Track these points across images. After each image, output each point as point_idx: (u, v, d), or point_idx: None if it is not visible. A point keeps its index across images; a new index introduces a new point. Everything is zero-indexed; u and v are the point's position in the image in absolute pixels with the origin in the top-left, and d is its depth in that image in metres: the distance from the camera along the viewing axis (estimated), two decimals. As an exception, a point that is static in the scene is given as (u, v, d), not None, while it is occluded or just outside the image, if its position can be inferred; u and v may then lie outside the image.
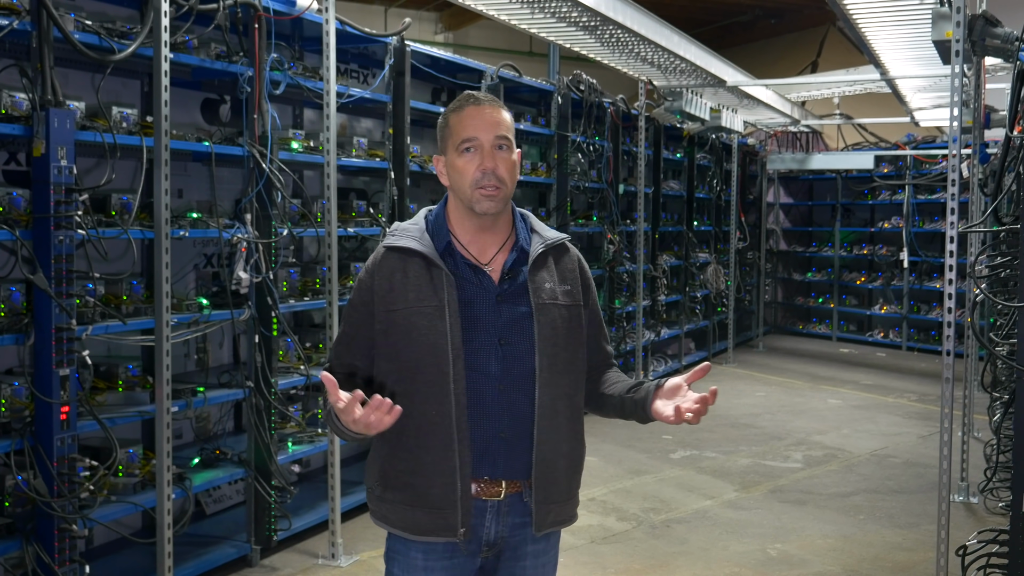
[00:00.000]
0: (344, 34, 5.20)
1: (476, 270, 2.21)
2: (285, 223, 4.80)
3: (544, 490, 2.22)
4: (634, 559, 4.95)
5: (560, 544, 2.47)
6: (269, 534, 4.80)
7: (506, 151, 2.19)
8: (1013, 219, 4.16)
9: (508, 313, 2.19)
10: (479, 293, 2.19)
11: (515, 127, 2.30)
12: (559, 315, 2.23)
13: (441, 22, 15.44)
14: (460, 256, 2.22)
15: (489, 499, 2.19)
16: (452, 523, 2.16)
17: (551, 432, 2.21)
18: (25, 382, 3.66)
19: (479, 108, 2.20)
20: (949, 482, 4.43)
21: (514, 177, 2.22)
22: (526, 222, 2.32)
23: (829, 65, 13.35)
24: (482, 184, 2.16)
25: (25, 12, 3.59)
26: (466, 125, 2.18)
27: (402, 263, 2.20)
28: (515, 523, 2.23)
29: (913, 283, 12.55)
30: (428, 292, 2.16)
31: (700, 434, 7.79)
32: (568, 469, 2.28)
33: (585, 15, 6.29)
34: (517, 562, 2.27)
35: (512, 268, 2.23)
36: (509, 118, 2.24)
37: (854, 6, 6.03)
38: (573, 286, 2.29)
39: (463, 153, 2.18)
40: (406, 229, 2.26)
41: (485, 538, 2.22)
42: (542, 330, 2.18)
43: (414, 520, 2.19)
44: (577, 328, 2.27)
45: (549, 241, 2.29)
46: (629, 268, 9.04)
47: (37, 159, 3.63)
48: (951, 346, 4.40)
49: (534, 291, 2.21)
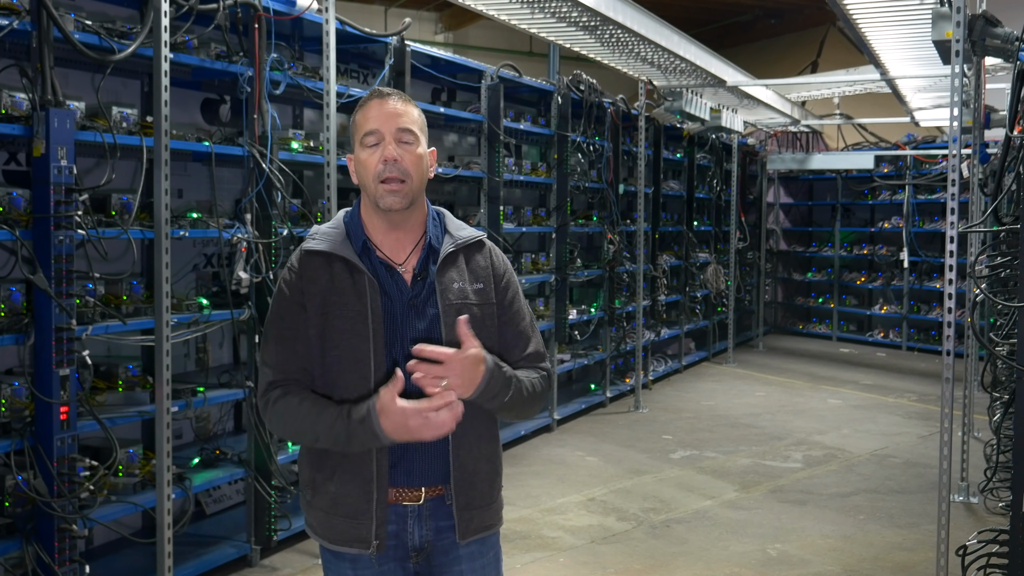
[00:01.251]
0: (344, 34, 5.20)
1: (391, 271, 2.18)
2: (285, 223, 4.80)
3: (465, 496, 2.18)
4: (634, 559, 4.95)
5: (560, 544, 2.45)
6: (269, 534, 4.80)
7: (411, 144, 2.15)
8: (1013, 219, 4.16)
9: (418, 318, 2.15)
10: (396, 296, 2.16)
11: (515, 127, 2.28)
12: (468, 315, 2.14)
13: (441, 22, 15.44)
14: (376, 256, 2.19)
15: (409, 504, 2.17)
16: (366, 534, 2.13)
17: (467, 437, 2.16)
18: (25, 382, 3.66)
19: (382, 101, 2.16)
20: (949, 482, 4.43)
21: (420, 171, 2.16)
22: (440, 220, 2.27)
23: (829, 65, 13.36)
24: (384, 176, 2.11)
25: (25, 12, 3.59)
26: (369, 118, 2.15)
27: (327, 266, 2.17)
28: (440, 527, 2.20)
29: (913, 283, 12.55)
30: (351, 296, 2.13)
31: (700, 434, 7.80)
32: (489, 472, 2.24)
33: (585, 15, 6.29)
34: (452, 567, 2.22)
35: (422, 269, 2.19)
36: (416, 113, 2.19)
37: (854, 6, 6.03)
38: (486, 284, 2.23)
39: (366, 147, 2.15)
40: (326, 233, 2.21)
41: (411, 543, 2.19)
42: (449, 332, 2.12)
43: (331, 528, 2.17)
44: (491, 328, 2.21)
45: (460, 240, 2.23)
46: (629, 268, 9.03)
47: (37, 159, 3.64)
48: (951, 346, 4.40)
49: (441, 292, 2.16)
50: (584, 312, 8.36)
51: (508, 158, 7.26)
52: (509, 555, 4.71)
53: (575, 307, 8.28)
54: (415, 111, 2.20)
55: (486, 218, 6.94)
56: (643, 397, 8.91)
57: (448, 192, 7.43)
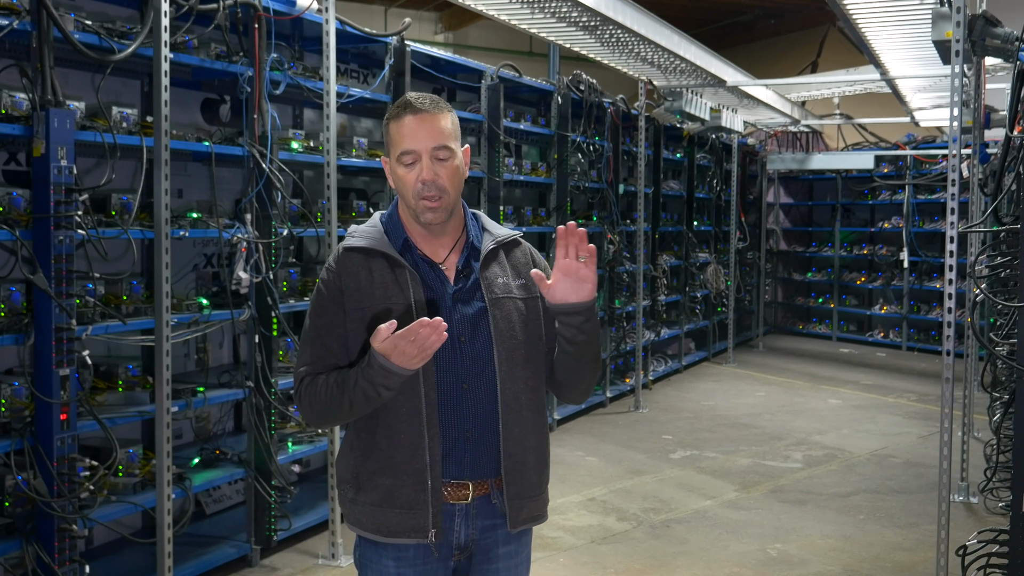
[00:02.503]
0: (344, 34, 5.20)
1: (433, 266, 2.22)
2: (285, 223, 4.80)
3: (515, 485, 2.22)
4: (634, 559, 4.95)
5: (561, 544, 2.47)
6: (269, 534, 4.80)
7: (447, 159, 2.17)
8: (1013, 219, 4.16)
9: (464, 310, 2.20)
10: (440, 290, 2.20)
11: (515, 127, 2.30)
12: (514, 308, 2.22)
13: (441, 22, 15.44)
14: (417, 253, 2.23)
15: (457, 503, 2.19)
16: (423, 524, 2.15)
17: (516, 427, 2.21)
18: (25, 382, 3.66)
19: (417, 117, 2.15)
20: (949, 482, 4.43)
21: (457, 183, 2.19)
22: (478, 221, 2.32)
23: (829, 65, 13.35)
24: (424, 195, 2.15)
25: (25, 12, 3.59)
26: (404, 136, 2.15)
27: (366, 262, 2.20)
28: (485, 525, 2.23)
29: (913, 283, 12.55)
30: (395, 290, 2.16)
31: (700, 434, 7.80)
32: (537, 463, 2.27)
33: (585, 15, 6.29)
34: (490, 564, 2.26)
35: (465, 266, 2.24)
36: (449, 123, 2.19)
37: (854, 6, 6.02)
38: (528, 279, 2.27)
39: (403, 164, 2.17)
40: (364, 231, 2.25)
41: (455, 542, 2.21)
42: (498, 325, 2.18)
43: (385, 521, 2.18)
44: (534, 320, 2.25)
45: (500, 238, 2.29)
46: (629, 268, 9.04)
47: (37, 159, 3.64)
48: (951, 346, 4.40)
49: (486, 287, 2.21)
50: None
51: (508, 158, 7.26)
52: (509, 555, 4.71)
53: (575, 307, 8.26)
54: (448, 120, 2.20)
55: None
56: (643, 397, 8.91)
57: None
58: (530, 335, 2.23)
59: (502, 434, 2.19)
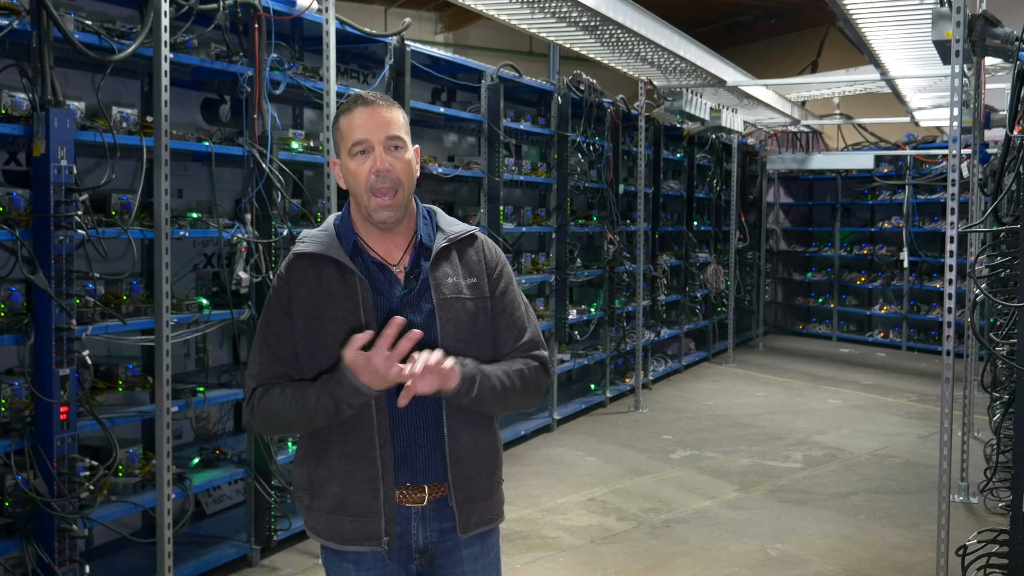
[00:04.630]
0: (344, 34, 5.20)
1: (384, 269, 2.19)
2: (285, 223, 4.80)
3: (464, 490, 2.19)
4: (634, 559, 4.95)
5: (560, 544, 2.47)
6: (269, 534, 4.80)
7: (400, 150, 2.15)
8: (1013, 219, 4.15)
9: (413, 315, 2.16)
10: (389, 293, 2.17)
11: (515, 127, 2.29)
12: (463, 309, 2.18)
13: (441, 22, 15.44)
14: (368, 256, 2.20)
15: (413, 505, 2.18)
16: (376, 532, 2.14)
17: (461, 431, 2.18)
18: (25, 382, 3.66)
19: (368, 109, 2.14)
20: (949, 482, 4.43)
21: (411, 177, 2.18)
22: (432, 219, 2.28)
23: (829, 65, 13.36)
24: (377, 188, 2.12)
25: (25, 12, 3.59)
26: (356, 127, 2.13)
27: (315, 269, 2.17)
28: (443, 528, 2.21)
29: (913, 283, 12.55)
30: (343, 296, 2.14)
31: (700, 434, 7.80)
32: (486, 465, 2.25)
33: (585, 15, 6.29)
34: (454, 568, 2.24)
35: (414, 266, 2.20)
36: (401, 116, 2.19)
37: (854, 6, 6.03)
38: (479, 278, 2.23)
39: (355, 156, 2.14)
40: (315, 236, 2.22)
41: (414, 545, 2.20)
42: (444, 327, 2.15)
43: (339, 529, 2.17)
44: (484, 322, 2.22)
45: (452, 236, 2.24)
46: (629, 268, 9.03)
47: (37, 159, 3.64)
48: (951, 346, 4.40)
49: (435, 287, 2.17)
50: (584, 312, 8.36)
51: (508, 158, 7.26)
52: (509, 555, 4.71)
53: (575, 307, 8.28)
54: (400, 114, 2.19)
55: (486, 218, 6.94)
56: (643, 397, 8.91)
57: (448, 192, 7.43)
58: (478, 338, 2.19)
59: (447, 439, 2.16)
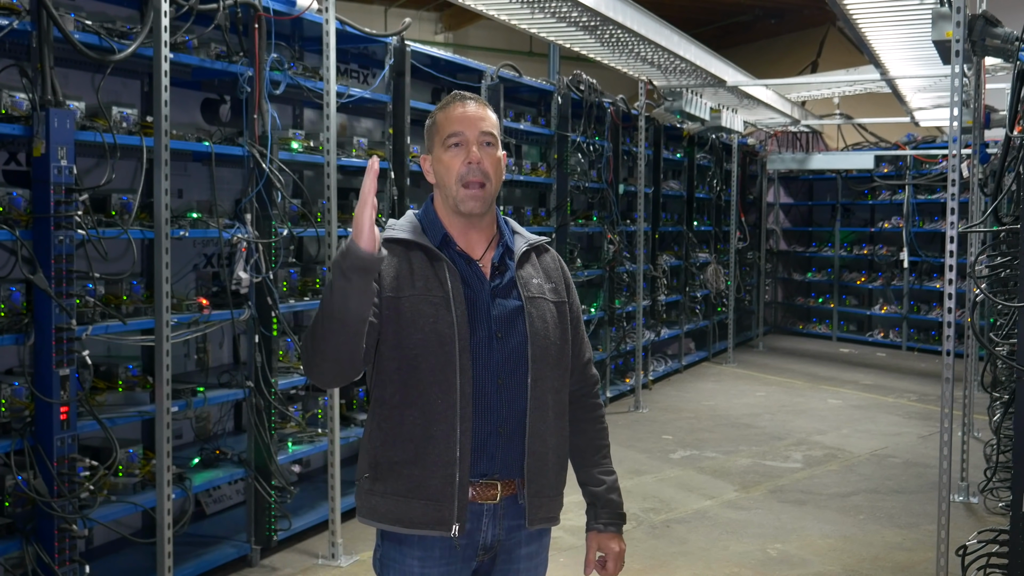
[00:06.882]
0: (344, 34, 5.20)
1: (470, 262, 2.25)
2: (285, 223, 4.80)
3: (535, 483, 2.23)
4: (634, 559, 4.95)
5: (560, 544, 2.48)
6: (269, 534, 4.80)
7: (491, 148, 2.23)
8: (1013, 219, 4.16)
9: (501, 306, 2.22)
10: (476, 285, 2.22)
11: (515, 127, 2.32)
12: (548, 309, 2.27)
13: (441, 22, 15.44)
14: (455, 249, 2.25)
15: (485, 502, 2.20)
16: (447, 517, 2.14)
17: (540, 425, 2.23)
18: (25, 382, 3.66)
19: (465, 105, 2.24)
20: (949, 482, 4.43)
21: (499, 174, 2.25)
22: (508, 224, 2.37)
23: (829, 65, 13.36)
24: (467, 179, 2.19)
25: (25, 12, 3.59)
26: (453, 121, 2.22)
27: (405, 253, 2.22)
28: (511, 525, 2.24)
29: (913, 283, 12.56)
30: (434, 282, 2.18)
31: (700, 434, 7.80)
32: (555, 464, 2.29)
33: (585, 15, 6.29)
34: (511, 564, 2.28)
35: (500, 264, 2.27)
36: (495, 118, 2.28)
37: (854, 6, 6.03)
38: (557, 284, 2.34)
39: (449, 148, 2.21)
40: (402, 225, 2.28)
41: (482, 542, 2.22)
42: (533, 323, 2.22)
43: (408, 512, 2.15)
44: (564, 324, 2.32)
45: (532, 241, 2.35)
46: (629, 268, 9.04)
47: (37, 159, 3.64)
48: (951, 346, 4.40)
49: (522, 285, 2.25)
50: (584, 312, 8.35)
51: (508, 158, 7.25)
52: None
53: (575, 307, 8.27)
54: (494, 116, 2.28)
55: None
56: (643, 397, 8.91)
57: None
58: (561, 338, 2.29)
59: (528, 431, 2.21)
